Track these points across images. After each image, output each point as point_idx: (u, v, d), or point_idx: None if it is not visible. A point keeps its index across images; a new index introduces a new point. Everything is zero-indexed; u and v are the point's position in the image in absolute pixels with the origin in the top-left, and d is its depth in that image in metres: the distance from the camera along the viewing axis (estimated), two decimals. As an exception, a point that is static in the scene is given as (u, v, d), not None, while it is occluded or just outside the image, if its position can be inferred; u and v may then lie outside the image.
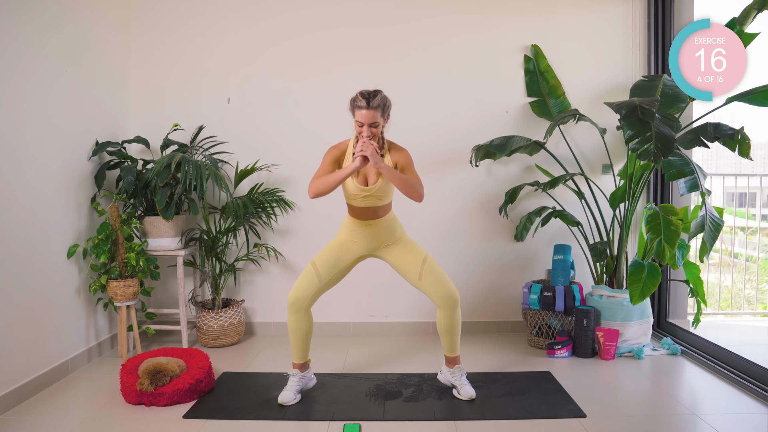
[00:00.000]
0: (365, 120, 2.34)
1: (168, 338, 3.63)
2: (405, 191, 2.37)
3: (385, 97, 2.40)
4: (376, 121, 2.35)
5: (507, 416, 2.41)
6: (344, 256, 2.58)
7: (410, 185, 2.37)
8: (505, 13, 3.64)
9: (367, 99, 2.33)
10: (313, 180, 2.41)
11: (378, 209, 2.53)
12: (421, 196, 2.40)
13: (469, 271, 3.69)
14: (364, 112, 2.33)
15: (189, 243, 3.55)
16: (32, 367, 2.66)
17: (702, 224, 2.74)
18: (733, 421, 2.38)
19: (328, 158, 2.48)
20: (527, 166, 3.68)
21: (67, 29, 2.97)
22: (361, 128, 2.36)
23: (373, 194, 2.46)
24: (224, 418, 2.41)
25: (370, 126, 2.35)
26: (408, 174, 2.45)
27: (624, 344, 3.20)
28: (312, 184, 2.40)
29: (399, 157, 2.48)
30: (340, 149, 2.51)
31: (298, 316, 2.50)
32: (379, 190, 2.46)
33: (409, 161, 2.48)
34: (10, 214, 2.53)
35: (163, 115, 3.61)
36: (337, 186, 2.37)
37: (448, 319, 2.53)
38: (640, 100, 2.83)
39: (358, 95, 2.36)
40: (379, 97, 2.36)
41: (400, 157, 2.48)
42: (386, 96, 2.41)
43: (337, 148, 2.51)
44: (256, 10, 3.62)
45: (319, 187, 2.37)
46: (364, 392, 2.69)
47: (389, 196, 2.54)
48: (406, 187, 2.36)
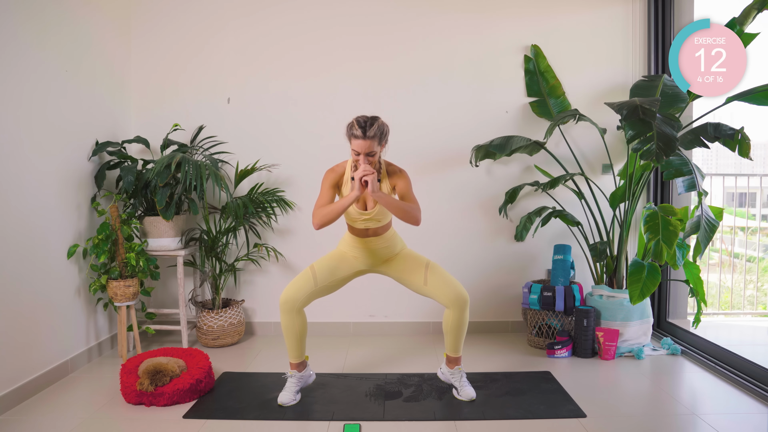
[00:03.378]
0: (362, 149, 2.31)
1: (168, 338, 3.63)
2: (402, 218, 2.37)
3: (383, 124, 2.36)
4: (372, 150, 2.32)
5: (507, 416, 2.41)
6: (343, 265, 2.58)
7: (407, 212, 2.36)
8: (505, 13, 3.64)
9: (364, 128, 2.29)
10: (315, 210, 2.40)
11: (378, 229, 2.54)
12: (418, 221, 2.40)
13: (469, 271, 3.68)
14: (360, 141, 2.30)
15: (189, 243, 3.55)
16: (32, 367, 2.66)
17: (697, 224, 2.74)
18: (733, 421, 2.38)
19: (327, 183, 2.46)
20: (527, 166, 3.68)
21: (67, 29, 2.97)
22: (358, 156, 2.34)
23: (372, 218, 2.47)
24: (224, 418, 2.41)
25: (367, 155, 2.33)
26: (406, 198, 2.45)
27: (624, 344, 3.20)
28: (315, 215, 2.38)
29: (397, 181, 2.47)
30: (337, 173, 2.49)
31: (290, 316, 2.49)
32: (378, 214, 2.46)
33: (407, 185, 2.47)
34: (10, 214, 2.53)
35: (163, 115, 3.61)
36: (340, 215, 2.37)
37: (457, 320, 2.51)
38: (641, 100, 2.83)
39: (355, 123, 2.32)
40: (376, 126, 2.32)
41: (399, 180, 2.46)
42: (384, 123, 2.37)
43: (334, 171, 2.49)
44: (256, 10, 3.62)
45: (323, 219, 2.36)
46: (364, 392, 2.68)
47: (389, 216, 2.54)
48: (403, 213, 2.36)
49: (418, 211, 2.40)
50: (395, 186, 2.47)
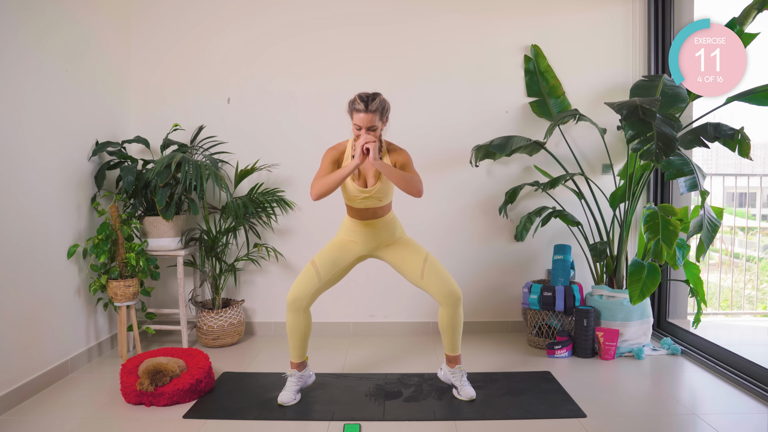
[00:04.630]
0: (363, 123, 2.32)
1: (168, 338, 3.63)
2: (404, 187, 2.36)
3: (384, 100, 2.38)
4: (374, 125, 2.33)
5: (507, 416, 2.41)
6: (344, 255, 2.58)
7: (408, 181, 2.35)
8: (505, 13, 3.64)
9: (366, 102, 2.31)
10: (314, 181, 2.40)
11: (377, 209, 2.53)
12: (420, 192, 2.38)
13: (469, 271, 3.69)
14: (362, 115, 2.32)
15: (189, 243, 3.55)
16: (32, 367, 2.66)
17: (700, 224, 2.74)
18: (733, 421, 2.38)
19: (328, 159, 2.47)
20: (527, 166, 3.68)
21: (67, 29, 2.97)
22: (359, 131, 2.35)
23: (372, 195, 2.46)
24: (224, 418, 2.41)
25: (368, 129, 2.33)
26: (408, 171, 2.44)
27: (624, 344, 3.20)
28: (314, 185, 2.39)
29: (398, 157, 2.47)
30: (338, 150, 2.50)
31: (297, 315, 2.49)
32: (378, 192, 2.46)
33: (408, 160, 2.47)
34: (9, 214, 2.53)
35: (163, 115, 3.61)
36: (339, 184, 2.36)
37: (450, 317, 2.52)
38: (641, 100, 2.83)
39: (357, 98, 2.34)
40: (378, 101, 2.34)
41: (399, 157, 2.47)
42: (385, 99, 2.39)
43: (335, 149, 2.50)
44: (256, 10, 3.62)
45: (321, 188, 2.36)
46: (364, 392, 2.68)
47: (389, 196, 2.54)
48: (404, 183, 2.35)
49: (419, 182, 2.39)
50: (395, 162, 2.47)
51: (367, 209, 2.52)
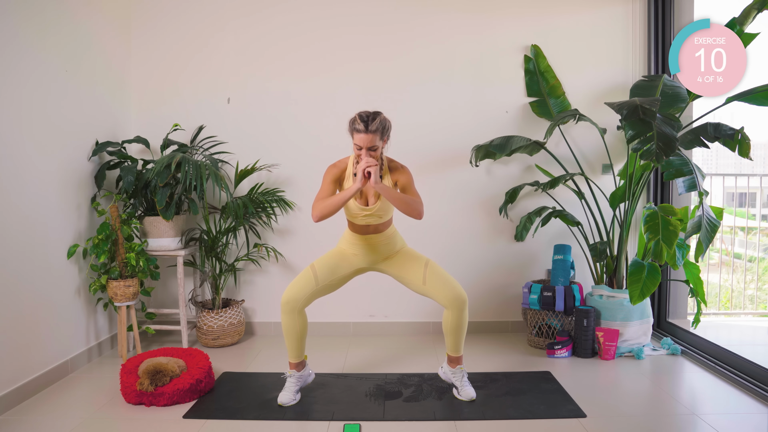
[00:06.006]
0: (364, 144, 2.32)
1: (168, 338, 3.63)
2: (404, 210, 2.36)
3: (385, 119, 2.37)
4: (374, 145, 2.33)
5: (507, 416, 2.41)
6: (344, 264, 2.58)
7: (409, 204, 2.35)
8: (505, 13, 3.64)
9: (366, 122, 2.30)
10: (315, 203, 2.40)
11: (378, 225, 2.54)
12: (421, 214, 2.39)
13: (469, 271, 3.69)
14: (362, 135, 2.31)
15: (189, 243, 3.55)
16: (32, 367, 2.66)
17: (699, 224, 2.74)
18: (733, 421, 2.38)
19: (329, 178, 2.46)
20: (527, 166, 3.68)
21: (67, 29, 2.97)
22: (360, 151, 2.35)
23: (373, 213, 2.47)
24: (224, 418, 2.41)
25: (369, 149, 2.33)
26: (408, 192, 2.44)
27: (624, 344, 3.20)
28: (315, 207, 2.38)
29: (399, 176, 2.47)
30: (339, 168, 2.49)
31: (291, 316, 2.49)
32: (379, 210, 2.46)
33: (409, 180, 2.47)
34: (9, 214, 2.53)
35: (163, 115, 3.61)
36: (341, 207, 2.36)
37: (456, 320, 2.52)
38: (641, 100, 2.83)
39: (357, 117, 2.33)
40: (378, 120, 2.33)
41: (401, 176, 2.47)
42: (386, 118, 2.38)
43: (336, 167, 2.49)
44: (256, 10, 3.62)
45: (323, 211, 2.36)
46: (364, 392, 2.68)
47: (390, 213, 2.54)
48: (405, 206, 2.35)
49: (420, 204, 2.39)
50: (397, 181, 2.48)
51: (368, 225, 2.53)
